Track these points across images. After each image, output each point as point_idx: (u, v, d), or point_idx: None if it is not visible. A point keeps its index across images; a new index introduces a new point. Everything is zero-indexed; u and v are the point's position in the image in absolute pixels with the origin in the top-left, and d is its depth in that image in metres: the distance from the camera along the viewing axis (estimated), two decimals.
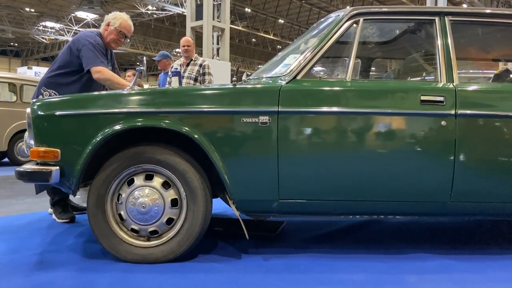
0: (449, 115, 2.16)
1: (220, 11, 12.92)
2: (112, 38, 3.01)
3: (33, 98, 2.97)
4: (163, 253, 2.16)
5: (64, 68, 2.93)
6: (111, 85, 2.86)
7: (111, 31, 3.01)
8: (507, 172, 2.21)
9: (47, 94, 2.92)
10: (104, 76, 2.83)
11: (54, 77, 2.94)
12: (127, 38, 3.10)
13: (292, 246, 2.50)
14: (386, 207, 2.26)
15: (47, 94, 2.92)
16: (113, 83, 2.84)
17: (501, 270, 2.16)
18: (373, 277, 2.04)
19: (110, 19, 3.03)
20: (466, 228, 3.06)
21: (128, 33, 3.08)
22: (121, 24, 3.01)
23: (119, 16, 3.04)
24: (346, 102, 2.20)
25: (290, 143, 2.15)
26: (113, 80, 2.85)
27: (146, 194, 2.17)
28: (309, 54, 2.26)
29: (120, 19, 3.02)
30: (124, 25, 3.03)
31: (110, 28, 3.01)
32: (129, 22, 3.08)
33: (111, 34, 3.01)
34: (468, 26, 2.55)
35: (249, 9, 23.20)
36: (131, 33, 3.14)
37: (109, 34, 3.01)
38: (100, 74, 2.82)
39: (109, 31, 3.01)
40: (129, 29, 3.08)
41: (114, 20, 3.01)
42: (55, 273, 2.05)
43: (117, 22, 3.00)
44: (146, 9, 21.71)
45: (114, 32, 3.00)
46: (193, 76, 4.60)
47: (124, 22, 3.04)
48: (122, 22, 3.02)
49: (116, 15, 3.05)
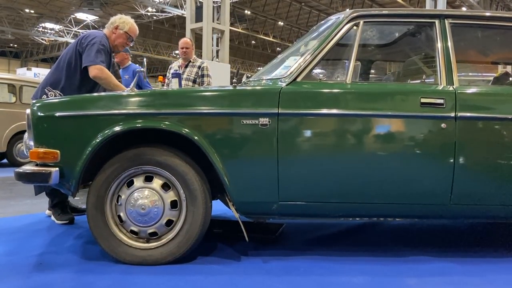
0: (449, 117, 2.16)
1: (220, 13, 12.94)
2: (121, 42, 3.06)
3: (34, 99, 2.96)
4: (162, 255, 2.16)
5: (70, 67, 2.91)
6: (107, 85, 2.86)
7: (120, 34, 3.04)
8: (507, 175, 2.21)
9: (52, 94, 2.90)
10: (101, 75, 2.82)
11: (59, 76, 2.92)
12: (133, 41, 3.15)
13: (291, 248, 2.50)
14: (385, 209, 2.26)
15: (52, 94, 2.90)
16: (109, 84, 2.85)
17: (500, 272, 2.16)
18: (372, 279, 2.04)
19: (119, 23, 3.04)
20: (465, 230, 3.06)
21: (135, 37, 3.14)
22: (130, 28, 3.06)
23: (127, 21, 3.08)
24: (346, 104, 2.20)
25: (290, 145, 2.15)
26: (109, 80, 2.85)
27: (145, 196, 2.16)
28: (309, 56, 2.27)
29: (129, 24, 3.07)
30: (132, 29, 3.09)
31: (119, 32, 3.04)
32: (136, 26, 3.14)
33: (120, 38, 3.04)
34: (468, 29, 2.55)
35: (248, 11, 23.23)
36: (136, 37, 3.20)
37: (117, 38, 3.04)
38: (98, 72, 2.82)
39: (117, 35, 3.04)
40: (136, 32, 3.15)
41: (123, 24, 3.04)
42: (54, 275, 2.05)
43: (126, 27, 3.04)
44: (146, 10, 21.73)
45: (124, 36, 3.05)
46: (191, 77, 4.59)
47: (132, 26, 3.09)
48: (131, 27, 3.08)
49: (124, 19, 3.08)
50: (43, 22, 24.81)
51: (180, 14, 20.04)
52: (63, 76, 2.92)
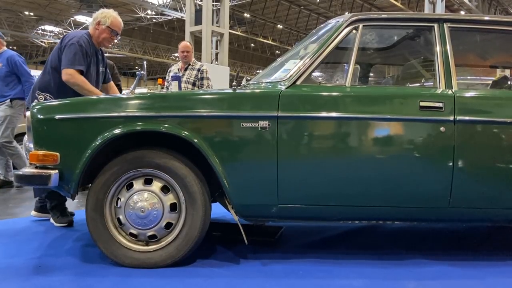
0: (448, 121, 2.17)
1: (219, 16, 12.96)
2: (105, 37, 2.96)
3: (28, 102, 2.95)
4: (161, 258, 2.16)
5: (56, 69, 2.87)
6: (79, 91, 2.78)
7: (102, 30, 2.94)
8: (505, 178, 2.22)
9: (42, 98, 2.88)
10: (73, 80, 2.76)
11: (47, 79, 2.90)
12: (118, 35, 3.04)
13: (291, 251, 2.50)
14: (385, 212, 2.26)
15: (42, 97, 2.88)
16: (81, 89, 2.77)
17: (500, 276, 2.17)
18: (372, 283, 2.04)
19: (100, 18, 2.95)
20: (465, 234, 3.06)
21: (119, 30, 3.01)
22: (112, 22, 2.94)
23: (108, 14, 2.97)
24: (345, 107, 2.21)
25: (290, 148, 2.15)
26: (82, 86, 2.77)
27: (145, 198, 2.16)
28: (308, 59, 2.27)
29: (111, 17, 2.95)
30: (115, 22, 2.96)
31: (102, 27, 2.94)
32: (119, 19, 3.00)
33: (103, 33, 2.95)
34: (467, 33, 2.56)
35: (248, 14, 23.27)
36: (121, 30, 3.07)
37: (101, 33, 2.95)
38: (69, 77, 2.76)
39: (100, 30, 2.95)
40: (120, 26, 3.01)
41: (104, 19, 2.94)
42: (53, 278, 2.04)
43: (108, 21, 2.93)
44: (145, 13, 21.73)
45: (106, 30, 2.94)
46: (191, 80, 4.60)
47: (115, 19, 2.96)
48: (113, 20, 2.95)
49: (105, 13, 2.98)
50: (43, 24, 24.82)
51: (180, 17, 20.06)
52: (51, 79, 2.89)
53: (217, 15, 12.89)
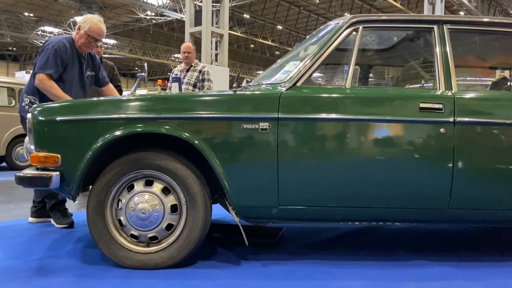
0: (447, 122, 2.17)
1: (219, 17, 12.96)
2: (83, 42, 2.93)
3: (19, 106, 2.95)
4: (162, 259, 2.16)
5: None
6: (49, 96, 2.79)
7: (81, 35, 2.92)
8: (505, 179, 2.22)
9: (27, 100, 2.88)
10: (42, 85, 2.79)
11: (32, 82, 2.88)
12: (98, 41, 3.00)
13: (291, 253, 2.50)
14: (385, 213, 2.26)
15: (27, 100, 2.88)
16: (49, 94, 2.78)
17: (500, 277, 2.17)
18: (372, 284, 2.05)
19: (81, 23, 2.94)
20: (464, 235, 3.07)
21: (99, 37, 2.97)
22: (90, 28, 2.90)
23: (89, 20, 2.94)
24: (345, 109, 2.21)
25: (290, 150, 2.16)
26: (49, 91, 2.77)
27: (146, 200, 2.17)
28: (309, 61, 2.28)
29: (90, 23, 2.92)
30: (93, 28, 2.91)
31: (81, 32, 2.92)
32: (99, 26, 2.95)
33: (81, 38, 2.92)
34: (466, 34, 2.57)
35: (247, 15, 23.27)
36: (103, 37, 3.02)
37: (79, 38, 2.93)
38: (39, 82, 2.79)
39: (79, 35, 2.93)
40: (99, 32, 2.96)
41: (84, 24, 2.92)
42: (54, 279, 2.05)
43: (86, 26, 2.91)
44: (145, 14, 21.74)
45: (84, 36, 2.91)
46: (192, 82, 4.60)
47: (94, 25, 2.92)
48: (92, 26, 2.91)
49: (86, 18, 2.97)
50: (42, 25, 24.82)
51: (179, 18, 20.06)
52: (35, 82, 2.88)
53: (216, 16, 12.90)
